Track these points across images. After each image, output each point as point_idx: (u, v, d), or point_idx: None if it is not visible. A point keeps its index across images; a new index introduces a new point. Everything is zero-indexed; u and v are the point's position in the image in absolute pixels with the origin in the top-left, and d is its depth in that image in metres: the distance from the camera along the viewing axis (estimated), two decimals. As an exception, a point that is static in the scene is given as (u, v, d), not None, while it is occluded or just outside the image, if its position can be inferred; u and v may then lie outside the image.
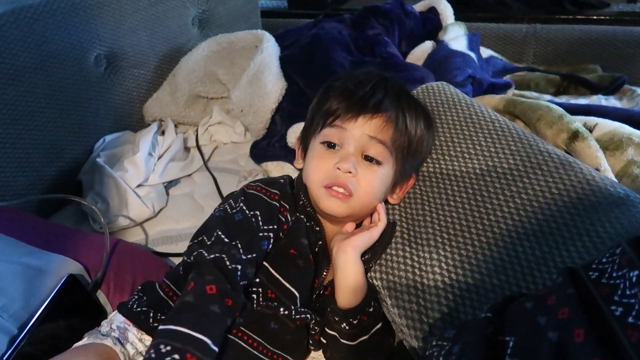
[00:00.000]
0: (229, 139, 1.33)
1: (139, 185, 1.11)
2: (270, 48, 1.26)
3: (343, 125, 0.71)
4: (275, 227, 0.67)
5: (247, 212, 0.65)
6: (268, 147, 1.18)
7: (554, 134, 0.90)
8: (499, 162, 0.76)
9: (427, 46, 1.37)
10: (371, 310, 0.69)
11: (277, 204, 0.68)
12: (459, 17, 1.51)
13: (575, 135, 0.87)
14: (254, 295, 0.65)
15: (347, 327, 0.68)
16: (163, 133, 1.30)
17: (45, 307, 0.67)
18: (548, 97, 1.37)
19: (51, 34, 1.08)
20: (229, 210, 0.66)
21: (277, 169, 1.13)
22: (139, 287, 0.70)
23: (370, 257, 0.72)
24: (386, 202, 0.78)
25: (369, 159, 0.71)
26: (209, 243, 0.62)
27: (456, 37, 1.37)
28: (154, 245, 1.00)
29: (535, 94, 1.37)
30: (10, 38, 0.99)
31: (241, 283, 0.61)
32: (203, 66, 1.33)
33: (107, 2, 1.20)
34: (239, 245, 0.62)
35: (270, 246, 0.66)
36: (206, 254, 0.60)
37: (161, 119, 1.35)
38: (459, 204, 0.75)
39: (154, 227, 1.05)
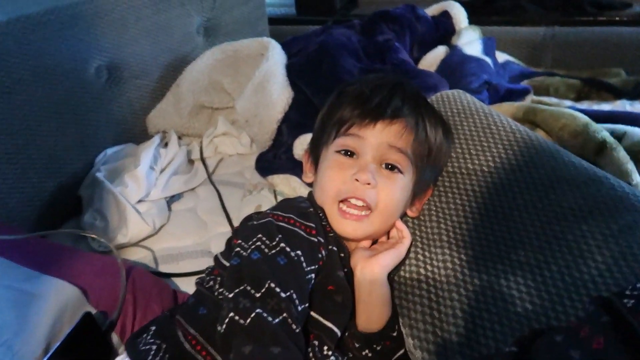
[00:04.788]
0: (235, 150, 1.28)
1: (139, 201, 1.06)
2: (276, 56, 1.21)
3: (359, 133, 0.66)
4: (317, 266, 0.60)
5: (290, 252, 0.56)
6: (274, 159, 1.13)
7: (579, 145, 0.84)
8: (522, 176, 0.70)
9: (440, 52, 1.31)
10: (395, 334, 0.63)
11: (316, 240, 0.61)
12: (472, 20, 1.45)
13: (602, 146, 0.81)
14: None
15: (369, 354, 0.62)
16: (166, 145, 1.26)
17: (58, 347, 0.62)
18: (569, 102, 1.30)
19: (49, 45, 1.04)
20: (266, 250, 0.56)
21: (283, 182, 1.08)
22: (152, 329, 0.62)
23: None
24: (402, 215, 0.73)
25: (389, 166, 0.66)
26: (258, 295, 0.51)
27: (470, 41, 1.32)
28: (154, 265, 0.95)
29: (554, 100, 1.30)
30: (6, 49, 0.95)
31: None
32: (207, 75, 1.29)
33: (108, 11, 1.16)
34: (294, 296, 0.53)
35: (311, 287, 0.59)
36: (267, 316, 0.49)
37: (165, 131, 1.31)
38: (478, 221, 0.69)
39: (155, 245, 1.00)
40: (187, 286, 0.88)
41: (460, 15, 1.41)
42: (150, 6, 1.26)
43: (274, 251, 0.57)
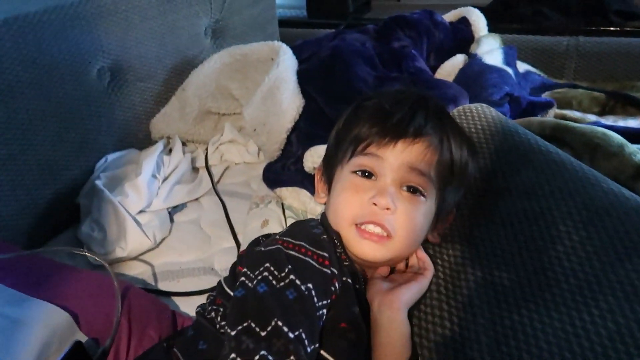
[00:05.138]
0: (241, 158, 1.22)
1: (140, 212, 1.01)
2: (286, 61, 1.16)
3: (378, 153, 0.60)
4: (329, 301, 0.54)
5: (300, 285, 0.51)
6: (282, 170, 1.07)
7: (614, 168, 0.78)
8: (556, 203, 0.64)
9: (458, 60, 1.25)
10: None
11: (329, 272, 0.55)
12: (492, 28, 1.39)
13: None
14: None
15: None
16: (170, 152, 1.21)
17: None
18: (593, 117, 1.24)
19: (49, 45, 0.99)
20: (274, 282, 0.51)
21: (292, 195, 1.02)
22: None
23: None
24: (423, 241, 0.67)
25: (410, 189, 0.60)
26: (264, 335, 0.46)
27: (491, 50, 1.26)
28: (153, 281, 0.90)
29: (578, 114, 1.24)
30: (2, 50, 0.90)
31: None
32: (215, 80, 1.24)
33: (112, 10, 1.11)
34: (303, 336, 0.48)
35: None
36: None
37: (169, 137, 1.25)
38: (507, 252, 0.63)
39: (155, 259, 0.95)
40: (188, 307, 0.83)
41: (479, 22, 1.35)
42: (156, 6, 1.21)
43: (282, 284, 0.51)
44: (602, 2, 1.39)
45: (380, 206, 0.59)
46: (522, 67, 1.36)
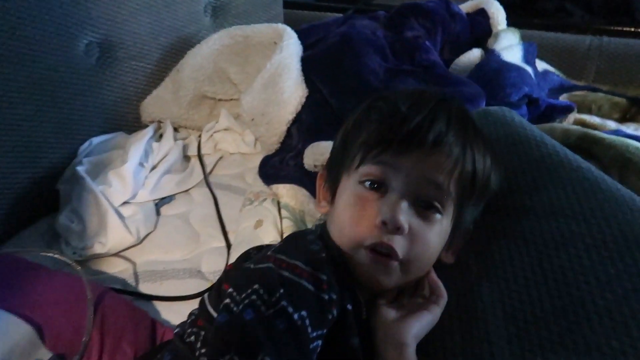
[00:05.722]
0: (237, 148, 1.14)
1: (124, 203, 0.93)
2: (291, 47, 1.07)
3: (391, 162, 0.53)
4: (325, 330, 0.47)
5: (293, 314, 0.45)
6: (281, 165, 1.00)
7: (647, 187, 0.70)
8: (588, 229, 0.57)
9: (475, 55, 1.17)
10: None
11: (327, 297, 0.48)
12: (511, 22, 1.30)
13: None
14: None
15: None
16: (161, 137, 1.12)
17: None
18: (613, 123, 1.16)
19: (30, 15, 0.90)
20: (263, 308, 0.45)
21: (289, 193, 0.94)
22: None
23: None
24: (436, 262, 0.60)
25: (426, 205, 0.53)
26: None
27: (510, 46, 1.17)
28: (134, 282, 0.82)
29: (597, 120, 1.16)
30: (-24, 18, 0.81)
31: None
32: (213, 62, 1.15)
33: (103, -20, 1.02)
34: None
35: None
36: None
37: (160, 121, 1.17)
38: (531, 281, 0.56)
39: (138, 257, 0.87)
40: (169, 313, 0.76)
41: (499, 15, 1.25)
42: (152, -22, 1.12)
43: (272, 310, 0.45)
44: (629, 1, 1.31)
45: (391, 225, 0.51)
46: (541, 66, 1.28)
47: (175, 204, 1.01)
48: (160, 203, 0.99)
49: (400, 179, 0.53)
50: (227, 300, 0.47)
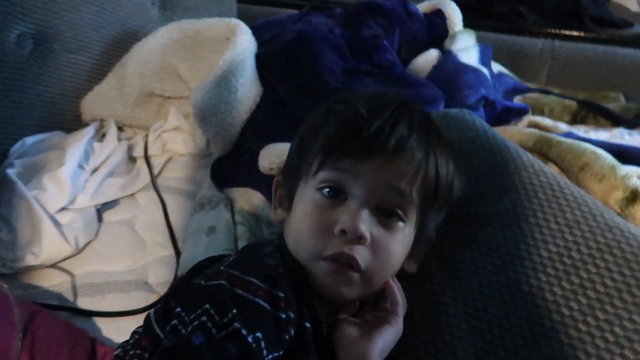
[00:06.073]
0: (187, 149, 1.08)
1: (62, 209, 0.85)
2: (245, 42, 1.02)
3: (351, 169, 0.49)
4: (281, 352, 0.44)
5: (247, 336, 0.41)
6: (234, 167, 0.95)
7: (604, 191, 0.71)
8: (551, 236, 0.56)
9: (432, 56, 1.16)
10: None
11: (284, 316, 0.44)
12: (467, 23, 1.30)
13: (635, 196, 0.68)
14: None
15: None
16: (103, 137, 1.05)
17: None
18: (564, 126, 1.18)
19: (-49, 1, 0.80)
20: (213, 331, 0.41)
21: (244, 197, 0.90)
22: None
23: None
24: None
25: (388, 213, 0.50)
26: None
27: (466, 47, 1.17)
28: (72, 296, 0.75)
29: (549, 122, 1.18)
30: None
31: None
32: (160, 57, 1.08)
33: (37, -35, 0.93)
34: None
35: None
36: None
37: (102, 119, 1.09)
38: (495, 292, 0.54)
39: (76, 268, 0.80)
40: (111, 331, 0.70)
41: (455, 16, 1.25)
42: (93, -35, 1.04)
43: (224, 333, 0.41)
44: (579, 7, 1.34)
45: (352, 234, 0.48)
46: (495, 68, 1.29)
47: (119, 209, 0.93)
48: (102, 209, 0.92)
49: (361, 185, 0.50)
50: (175, 322, 0.43)
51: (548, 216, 0.57)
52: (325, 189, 0.51)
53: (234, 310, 0.42)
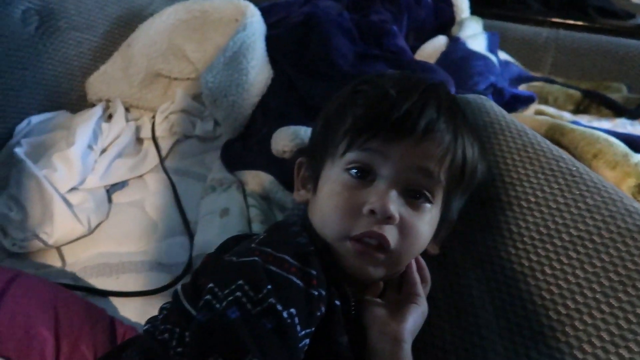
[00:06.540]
0: (194, 131, 1.07)
1: (72, 189, 0.84)
2: (255, 24, 1.01)
3: (380, 149, 0.50)
4: (313, 329, 0.44)
5: (282, 312, 0.41)
6: (244, 150, 0.94)
7: (616, 178, 0.72)
8: (572, 220, 0.56)
9: (440, 42, 1.16)
10: None
11: (316, 293, 0.44)
12: (472, 11, 1.30)
13: (648, 183, 0.69)
14: None
15: None
16: (110, 118, 1.03)
17: None
18: (568, 115, 1.20)
19: (-42, -26, 0.78)
20: (249, 306, 0.41)
21: (255, 180, 0.89)
22: None
23: None
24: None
25: (415, 194, 0.50)
26: None
27: (474, 34, 1.17)
28: (85, 276, 0.75)
29: (552, 110, 1.19)
30: None
31: None
32: (167, 38, 1.07)
33: (44, -61, 0.91)
34: None
35: None
36: None
37: (109, 100, 1.07)
38: (518, 274, 0.55)
39: (88, 250, 0.79)
40: (129, 311, 0.69)
41: (463, 3, 1.25)
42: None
43: (259, 308, 0.41)
44: (583, -4, 1.35)
45: (381, 214, 0.48)
46: (501, 56, 1.29)
47: (128, 190, 0.93)
48: (111, 190, 0.91)
49: (390, 166, 0.50)
50: (208, 297, 0.43)
51: (569, 201, 0.58)
52: (353, 170, 0.51)
53: (269, 286, 0.42)
